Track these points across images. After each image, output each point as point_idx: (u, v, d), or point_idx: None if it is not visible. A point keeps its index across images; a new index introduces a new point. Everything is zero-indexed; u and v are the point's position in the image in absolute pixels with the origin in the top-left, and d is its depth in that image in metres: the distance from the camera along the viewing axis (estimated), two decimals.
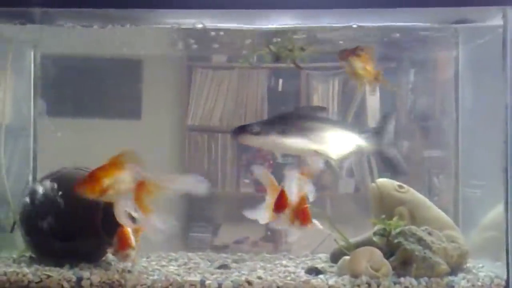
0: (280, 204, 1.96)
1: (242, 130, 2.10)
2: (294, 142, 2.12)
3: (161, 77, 3.65)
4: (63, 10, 2.12)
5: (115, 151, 1.89)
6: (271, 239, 3.88)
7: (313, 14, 2.14)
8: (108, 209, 2.17)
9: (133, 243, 2.06)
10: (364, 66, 2.14)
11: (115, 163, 1.84)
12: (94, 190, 1.81)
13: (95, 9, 2.09)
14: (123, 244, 2.07)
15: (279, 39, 2.35)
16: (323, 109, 2.27)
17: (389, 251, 2.15)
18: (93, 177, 1.83)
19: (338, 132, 2.19)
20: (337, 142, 2.17)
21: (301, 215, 1.94)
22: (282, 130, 2.09)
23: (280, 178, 3.86)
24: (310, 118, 2.17)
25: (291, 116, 2.19)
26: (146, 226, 1.90)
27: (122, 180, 1.84)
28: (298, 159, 4.00)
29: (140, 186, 1.86)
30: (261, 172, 2.08)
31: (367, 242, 2.20)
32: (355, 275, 2.06)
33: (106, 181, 1.80)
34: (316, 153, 2.12)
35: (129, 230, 2.05)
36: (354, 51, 2.13)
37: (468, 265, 2.23)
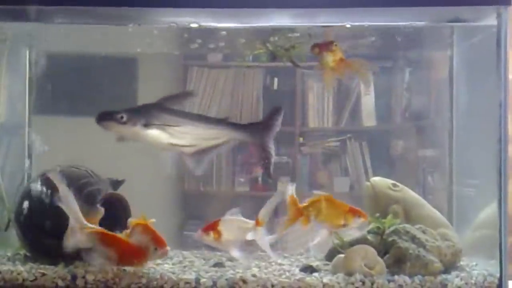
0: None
1: (109, 117, 2.08)
2: (155, 135, 2.12)
3: (157, 75, 3.64)
4: (58, 8, 2.12)
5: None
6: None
7: (308, 13, 2.14)
8: (103, 207, 2.17)
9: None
10: (335, 59, 2.14)
11: None
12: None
13: (90, 7, 2.09)
14: (160, 241, 2.04)
15: (276, 38, 2.35)
16: (190, 94, 2.23)
17: (383, 249, 2.16)
18: None
19: (200, 126, 2.17)
20: (197, 136, 2.16)
21: None
22: (146, 121, 2.09)
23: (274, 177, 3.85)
24: (174, 112, 2.15)
25: (157, 107, 2.15)
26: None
27: None
28: (293, 159, 4.03)
29: None
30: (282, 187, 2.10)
31: (362, 241, 2.21)
32: (349, 273, 2.07)
33: None
34: (172, 146, 2.13)
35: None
36: (327, 46, 2.13)
37: (461, 263, 2.24)
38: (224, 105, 4.09)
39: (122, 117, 2.07)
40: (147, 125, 2.10)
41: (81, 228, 2.00)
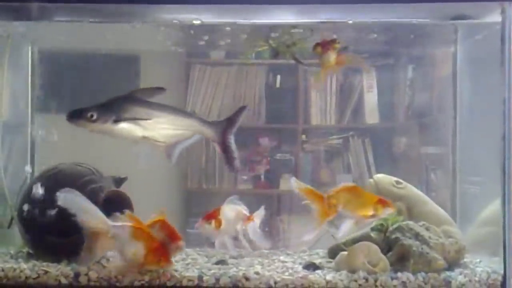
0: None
1: (79, 115, 2.08)
2: (127, 129, 2.13)
3: (159, 73, 3.64)
4: (60, 5, 2.12)
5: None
6: (268, 235, 3.88)
7: (310, 9, 2.13)
8: (106, 205, 2.17)
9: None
10: (336, 57, 2.13)
11: None
12: None
13: (92, 4, 2.09)
14: (175, 236, 2.05)
15: (277, 34, 2.35)
16: (160, 90, 2.23)
17: (387, 246, 2.16)
18: None
19: (171, 119, 2.18)
20: (169, 128, 2.17)
21: None
22: (117, 117, 2.10)
23: (277, 174, 3.86)
24: (144, 104, 2.16)
25: (127, 101, 2.15)
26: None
27: None
28: (296, 156, 4.03)
29: None
30: (296, 183, 2.10)
31: (365, 238, 2.20)
32: (352, 271, 2.07)
33: None
34: (145, 139, 2.14)
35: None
36: (330, 45, 2.12)
37: (465, 260, 2.23)
38: (226, 102, 4.09)
39: (92, 116, 2.08)
40: (117, 121, 2.11)
41: (107, 232, 1.99)
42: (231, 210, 2.18)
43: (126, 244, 1.98)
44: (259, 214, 2.26)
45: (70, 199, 1.96)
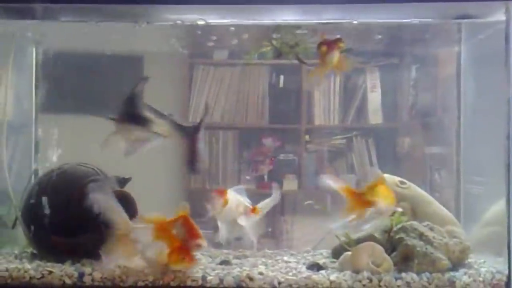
0: None
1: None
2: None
3: (162, 73, 3.64)
4: (65, 5, 2.12)
5: None
6: (272, 235, 3.88)
7: (314, 9, 2.13)
8: None
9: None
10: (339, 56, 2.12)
11: None
12: None
13: (97, 5, 2.10)
14: (194, 234, 2.02)
15: (279, 35, 2.35)
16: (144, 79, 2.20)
17: (391, 246, 2.15)
18: None
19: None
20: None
21: None
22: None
23: (280, 175, 3.85)
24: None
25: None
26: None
27: None
28: (299, 156, 4.02)
29: None
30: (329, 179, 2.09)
31: (369, 238, 2.20)
32: (356, 271, 2.06)
33: None
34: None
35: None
36: (335, 44, 2.10)
37: (469, 260, 2.23)
38: (230, 102, 4.09)
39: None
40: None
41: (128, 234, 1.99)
42: (234, 197, 2.16)
43: (148, 246, 1.98)
44: (269, 203, 2.22)
45: (99, 194, 1.96)
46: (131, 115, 2.10)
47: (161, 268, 2.01)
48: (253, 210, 2.19)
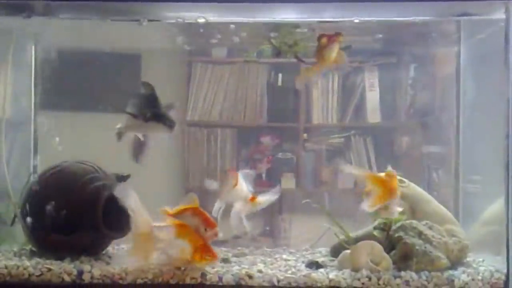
0: None
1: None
2: None
3: (160, 71, 3.64)
4: (64, 2, 2.12)
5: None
6: (270, 234, 3.89)
7: (315, 7, 2.13)
8: (108, 203, 2.17)
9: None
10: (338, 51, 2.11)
11: None
12: None
13: (96, 2, 2.09)
14: (210, 222, 2.03)
15: (277, 34, 2.35)
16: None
17: (390, 245, 2.15)
18: None
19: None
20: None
21: None
22: None
23: (278, 173, 3.85)
24: None
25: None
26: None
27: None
28: (298, 155, 4.03)
29: None
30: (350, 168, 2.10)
31: (368, 236, 2.20)
32: (355, 269, 2.07)
33: None
34: None
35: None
36: (336, 36, 2.09)
37: (468, 259, 2.23)
38: (228, 101, 4.08)
39: None
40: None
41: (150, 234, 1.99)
42: (243, 183, 2.17)
43: (171, 244, 1.99)
44: (269, 198, 2.21)
45: (125, 194, 1.98)
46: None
47: (182, 265, 2.02)
48: (252, 199, 2.18)
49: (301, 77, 2.23)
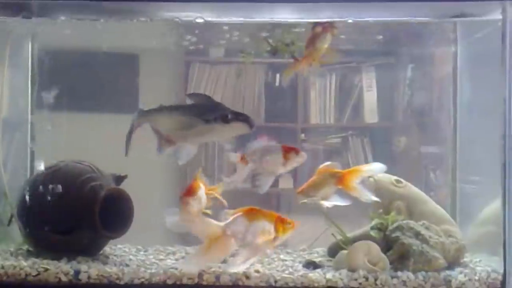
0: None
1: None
2: None
3: (158, 71, 3.64)
4: (61, 2, 2.11)
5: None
6: None
7: (311, 7, 2.13)
8: (105, 203, 2.18)
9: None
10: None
11: None
12: None
13: (93, 2, 2.09)
14: (189, 191, 2.04)
15: (270, 33, 2.35)
16: None
17: (387, 245, 2.16)
18: None
19: None
20: None
21: None
22: None
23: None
24: None
25: None
26: None
27: None
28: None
29: None
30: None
31: (365, 237, 2.20)
32: (352, 269, 2.07)
33: None
34: None
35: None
36: (330, 27, 2.09)
37: (465, 259, 2.24)
38: (226, 100, 4.08)
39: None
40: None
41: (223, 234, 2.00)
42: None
43: (249, 232, 1.97)
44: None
45: (176, 224, 1.99)
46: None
47: (267, 247, 2.01)
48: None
49: (288, 71, 2.23)
